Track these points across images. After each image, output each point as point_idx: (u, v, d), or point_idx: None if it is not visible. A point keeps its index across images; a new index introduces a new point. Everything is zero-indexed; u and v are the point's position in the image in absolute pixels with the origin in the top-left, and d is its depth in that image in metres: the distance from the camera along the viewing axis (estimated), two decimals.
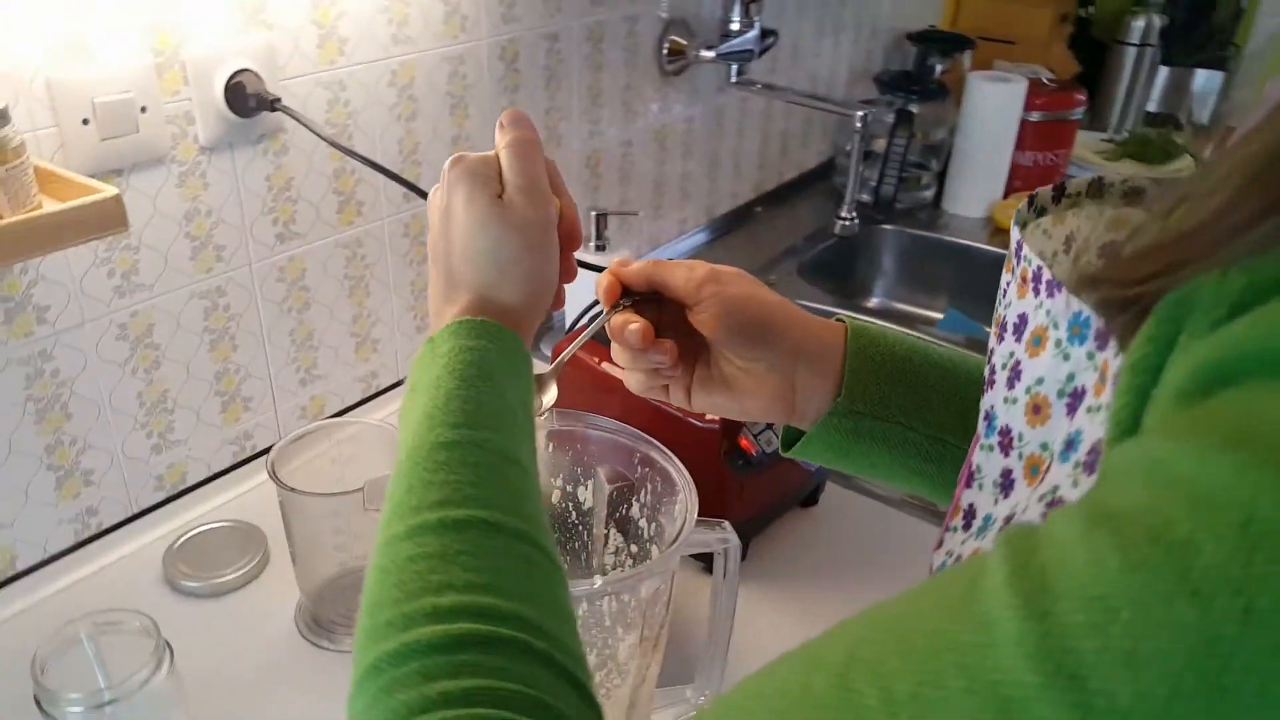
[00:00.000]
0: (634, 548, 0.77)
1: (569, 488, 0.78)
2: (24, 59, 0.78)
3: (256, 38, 0.93)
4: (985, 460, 0.48)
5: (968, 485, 0.49)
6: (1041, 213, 0.49)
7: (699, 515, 0.65)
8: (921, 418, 0.61)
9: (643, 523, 0.75)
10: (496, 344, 0.51)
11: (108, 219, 0.73)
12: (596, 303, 0.64)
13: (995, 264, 1.03)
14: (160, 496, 1.01)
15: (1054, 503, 0.37)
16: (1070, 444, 0.38)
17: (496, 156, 0.58)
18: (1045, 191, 0.49)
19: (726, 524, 0.69)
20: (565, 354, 0.61)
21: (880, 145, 1.77)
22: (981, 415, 0.48)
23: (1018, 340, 0.45)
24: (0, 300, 0.82)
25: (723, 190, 1.73)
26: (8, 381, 0.84)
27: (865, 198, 1.82)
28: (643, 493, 0.74)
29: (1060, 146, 1.85)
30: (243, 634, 0.88)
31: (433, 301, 0.57)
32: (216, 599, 0.91)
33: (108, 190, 0.72)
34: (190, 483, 1.03)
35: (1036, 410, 0.43)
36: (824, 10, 1.79)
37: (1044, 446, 0.43)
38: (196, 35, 0.89)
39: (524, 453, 0.49)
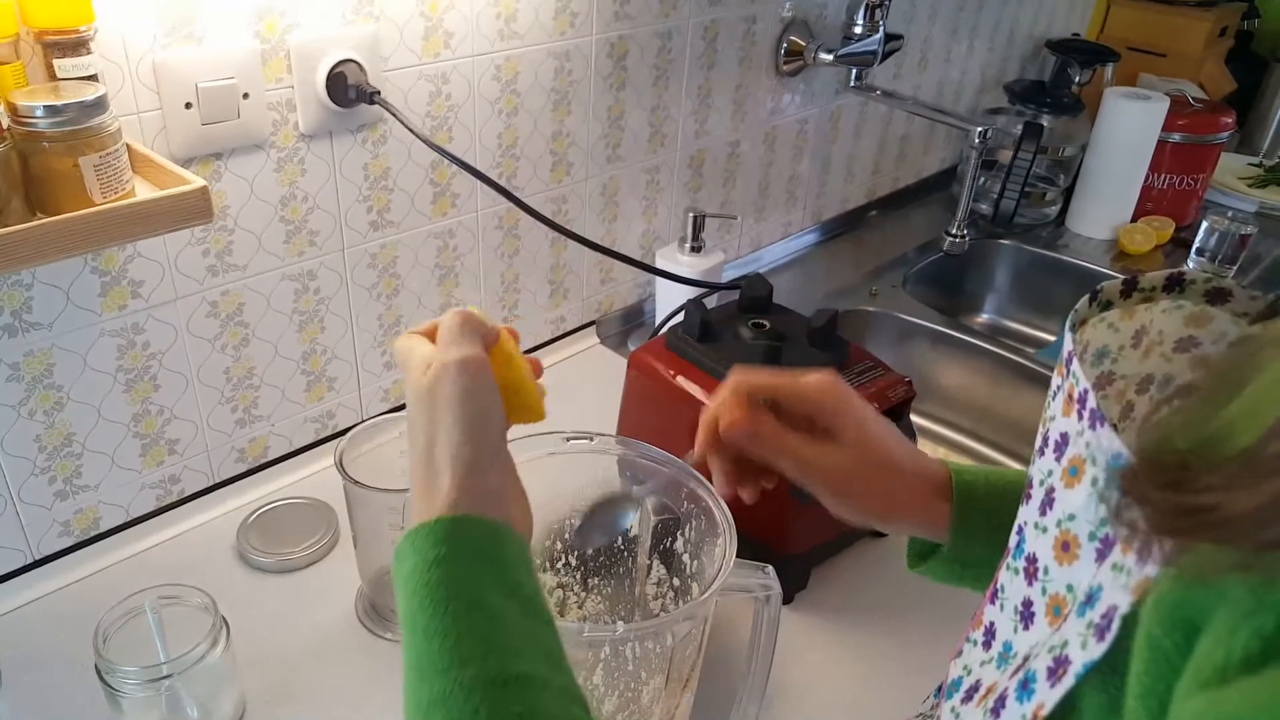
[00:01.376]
0: (676, 581, 0.75)
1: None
2: (134, 40, 0.81)
3: (362, 29, 0.93)
4: (1009, 582, 0.45)
5: (991, 601, 0.46)
6: (1106, 307, 0.45)
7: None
8: None
9: (686, 558, 0.73)
10: (455, 545, 0.48)
11: (193, 210, 0.74)
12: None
13: None
14: (241, 469, 1.04)
15: (1061, 659, 0.35)
16: (1090, 598, 0.36)
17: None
18: (1112, 285, 0.45)
19: (770, 569, 0.67)
20: (650, 484, 0.62)
21: (1006, 157, 1.70)
22: (1015, 529, 0.45)
23: (1057, 460, 0.41)
24: (97, 274, 0.85)
25: (832, 194, 1.68)
26: (100, 352, 0.88)
27: (985, 208, 1.75)
28: (687, 528, 0.72)
29: (1199, 171, 1.74)
30: (303, 613, 0.90)
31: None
32: (282, 575, 0.94)
33: (195, 182, 0.74)
34: (271, 457, 1.06)
35: (1065, 548, 0.40)
36: (958, 15, 1.72)
37: (1069, 588, 0.40)
38: (303, 24, 0.90)
39: (524, 653, 0.45)
